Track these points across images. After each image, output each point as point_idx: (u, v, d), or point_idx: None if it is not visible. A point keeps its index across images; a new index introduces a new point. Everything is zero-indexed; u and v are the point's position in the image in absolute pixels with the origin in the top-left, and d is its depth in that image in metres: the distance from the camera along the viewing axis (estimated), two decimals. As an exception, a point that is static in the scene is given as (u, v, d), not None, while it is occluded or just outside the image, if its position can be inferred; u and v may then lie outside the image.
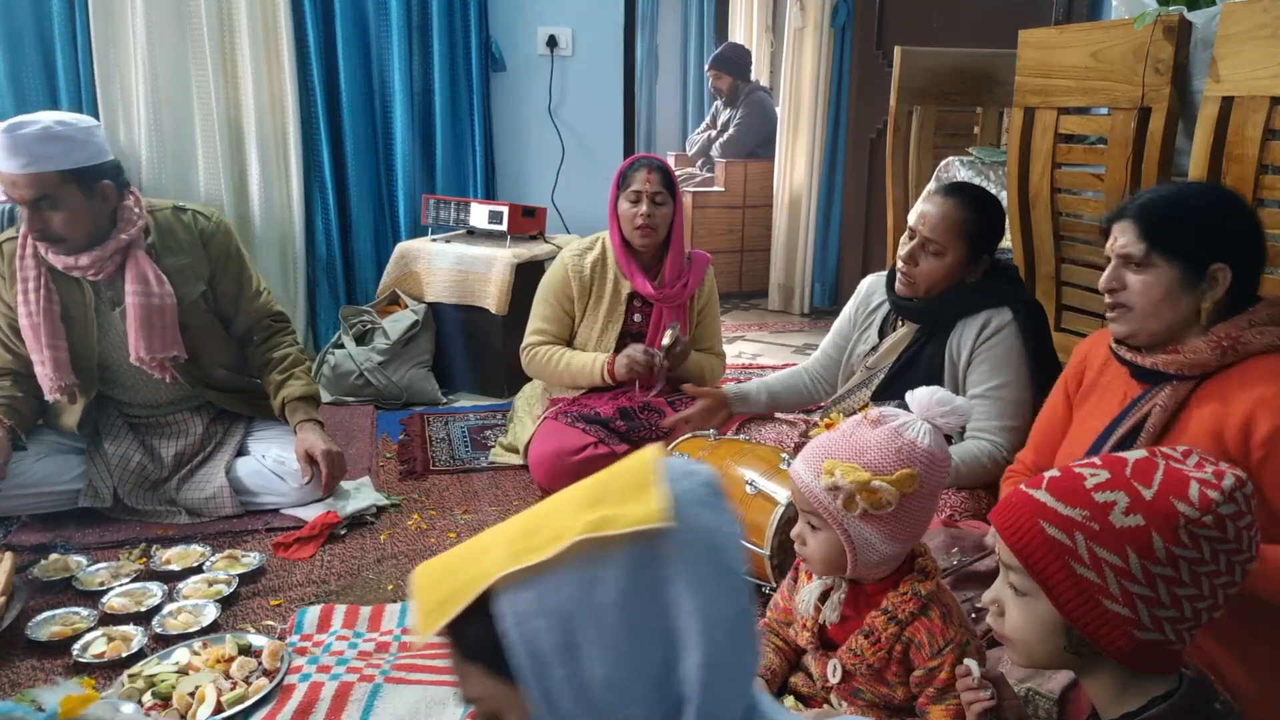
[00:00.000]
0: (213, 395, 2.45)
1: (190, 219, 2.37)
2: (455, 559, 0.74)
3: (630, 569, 0.69)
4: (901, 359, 2.19)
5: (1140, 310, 1.43)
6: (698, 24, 7.31)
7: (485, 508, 2.46)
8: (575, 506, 0.73)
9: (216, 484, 2.32)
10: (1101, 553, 0.98)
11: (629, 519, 0.69)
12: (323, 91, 3.63)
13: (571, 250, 2.73)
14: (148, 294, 2.22)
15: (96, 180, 2.15)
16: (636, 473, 0.74)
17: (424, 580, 0.73)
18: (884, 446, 1.30)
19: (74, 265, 2.20)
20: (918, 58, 3.32)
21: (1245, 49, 1.81)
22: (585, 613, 0.68)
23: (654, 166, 2.59)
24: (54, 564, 2.05)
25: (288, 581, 2.06)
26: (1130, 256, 1.42)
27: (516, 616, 0.69)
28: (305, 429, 2.39)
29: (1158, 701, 1.00)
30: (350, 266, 3.85)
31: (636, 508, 0.70)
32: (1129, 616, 0.97)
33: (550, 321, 2.70)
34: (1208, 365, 1.38)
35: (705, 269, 2.75)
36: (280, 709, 1.60)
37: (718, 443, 2.26)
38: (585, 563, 0.69)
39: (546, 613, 0.68)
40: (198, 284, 2.34)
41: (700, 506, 0.73)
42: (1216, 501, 0.95)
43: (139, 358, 2.24)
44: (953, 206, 2.06)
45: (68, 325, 2.24)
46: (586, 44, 3.92)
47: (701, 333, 2.80)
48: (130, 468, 2.31)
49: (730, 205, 5.38)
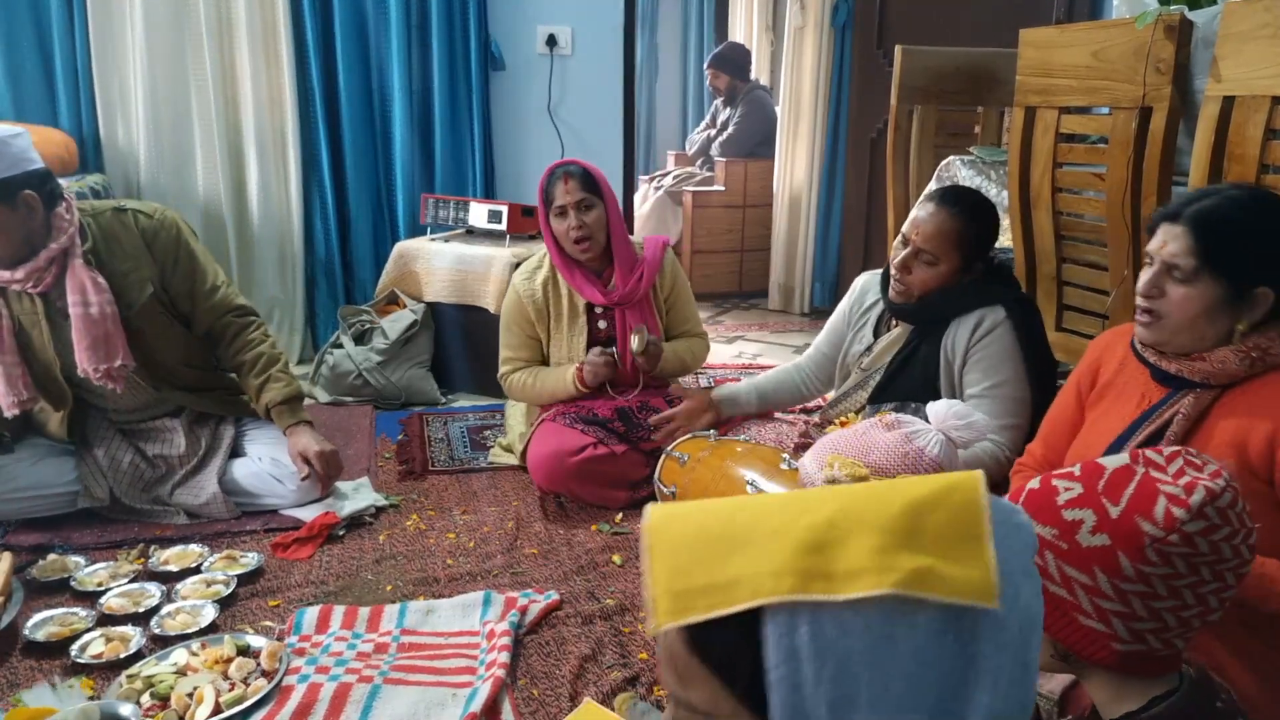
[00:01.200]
0: (181, 398, 2.39)
1: (130, 219, 2.27)
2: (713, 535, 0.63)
3: (935, 637, 0.59)
4: (896, 360, 2.19)
5: (1174, 322, 1.38)
6: (698, 24, 7.30)
7: (484, 508, 2.46)
8: (883, 533, 0.61)
9: (209, 492, 2.30)
10: (1071, 571, 0.97)
11: (953, 586, 0.59)
12: (321, 91, 3.63)
13: (520, 275, 2.67)
14: (85, 304, 2.14)
15: (18, 191, 2.05)
16: (965, 512, 0.62)
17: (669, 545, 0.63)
18: (891, 450, 1.30)
19: (10, 279, 2.12)
20: (918, 57, 3.32)
21: (1246, 48, 1.80)
22: (871, 673, 0.59)
23: (570, 173, 2.50)
24: (52, 564, 2.05)
25: (286, 582, 2.05)
26: (1177, 267, 1.36)
27: (787, 651, 0.59)
28: (295, 432, 2.37)
29: (1158, 701, 1.00)
30: (349, 266, 3.85)
31: (962, 570, 0.60)
32: (1105, 632, 0.96)
33: (518, 349, 2.67)
34: (1234, 375, 1.34)
35: (661, 255, 2.66)
36: (279, 710, 1.60)
37: (718, 443, 2.26)
38: (887, 616, 0.59)
39: (823, 657, 0.59)
40: (146, 286, 2.25)
41: (1024, 578, 0.63)
42: (1181, 520, 0.93)
43: (84, 370, 2.17)
44: (947, 216, 2.06)
45: (23, 340, 2.19)
46: (586, 43, 3.92)
47: (675, 318, 2.72)
48: (123, 469, 2.30)
49: (730, 205, 5.37)
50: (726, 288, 5.40)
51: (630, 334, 2.52)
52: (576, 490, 2.44)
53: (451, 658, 1.77)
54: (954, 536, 0.61)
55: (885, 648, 0.59)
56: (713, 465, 2.15)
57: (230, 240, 3.67)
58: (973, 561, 0.60)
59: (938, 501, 0.63)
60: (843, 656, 0.58)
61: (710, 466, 2.15)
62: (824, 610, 0.59)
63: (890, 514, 0.62)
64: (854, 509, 0.63)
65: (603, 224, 2.54)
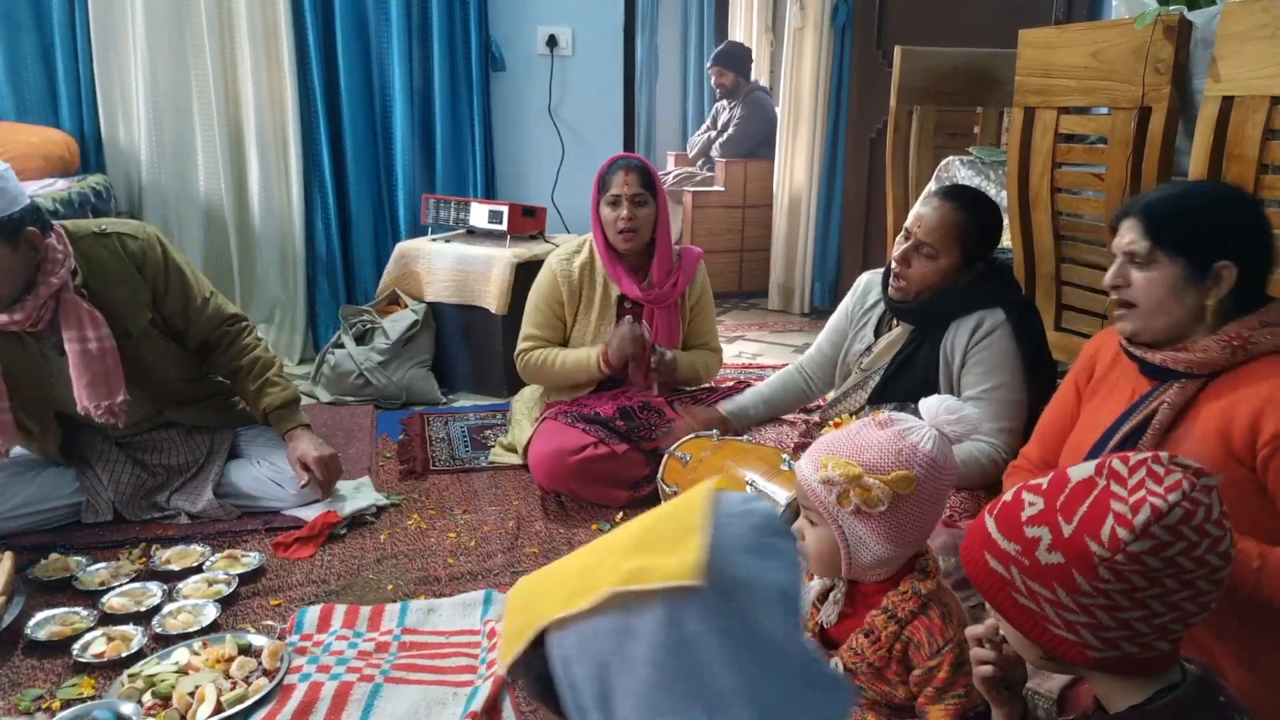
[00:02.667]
0: (179, 415, 2.37)
1: (116, 244, 2.16)
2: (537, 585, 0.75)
3: (663, 624, 0.67)
4: (896, 360, 2.19)
5: (1144, 307, 1.43)
6: (698, 24, 7.30)
7: (485, 507, 2.46)
8: (623, 549, 0.72)
9: (205, 499, 2.29)
10: (1034, 586, 0.99)
11: (660, 573, 0.67)
12: (322, 91, 3.63)
13: (559, 255, 2.70)
14: (83, 339, 2.06)
15: (20, 229, 1.95)
16: (685, 513, 0.71)
17: (513, 603, 0.75)
18: (885, 447, 1.30)
19: (8, 322, 2.01)
20: (918, 57, 3.32)
21: (1245, 49, 1.81)
22: (618, 664, 0.67)
23: (632, 167, 2.55)
24: (53, 564, 2.05)
25: (287, 581, 2.06)
26: (1135, 254, 1.43)
27: (561, 661, 0.70)
28: (294, 437, 2.36)
29: (1163, 694, 1.00)
30: (350, 266, 3.85)
31: (671, 559, 0.67)
32: (1076, 640, 0.98)
33: (542, 328, 2.68)
34: (1217, 364, 1.37)
35: (696, 265, 2.72)
36: (280, 709, 1.60)
37: (720, 443, 2.26)
38: (619, 615, 0.68)
39: (584, 659, 0.69)
40: (144, 312, 2.18)
41: (746, 555, 0.70)
42: (1125, 541, 0.93)
43: (84, 408, 2.10)
44: (949, 210, 2.06)
45: (13, 383, 2.10)
46: (586, 44, 3.92)
47: (695, 329, 2.77)
48: (123, 483, 2.27)
49: (730, 205, 5.38)
50: (726, 288, 5.41)
51: (655, 343, 2.57)
52: (577, 489, 2.44)
53: (453, 656, 1.77)
54: (673, 536, 0.70)
55: (627, 641, 0.67)
56: (714, 465, 2.15)
57: (231, 240, 3.68)
58: (685, 550, 0.68)
59: (670, 514, 0.73)
60: (597, 655, 0.68)
61: (712, 466, 2.15)
62: (577, 621, 0.69)
63: (632, 534, 0.74)
64: (617, 540, 0.74)
65: (650, 222, 2.59)
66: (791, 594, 0.71)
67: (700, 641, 0.66)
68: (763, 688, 0.67)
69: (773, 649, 0.68)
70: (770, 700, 0.66)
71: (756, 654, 0.67)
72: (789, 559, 0.72)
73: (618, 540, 0.74)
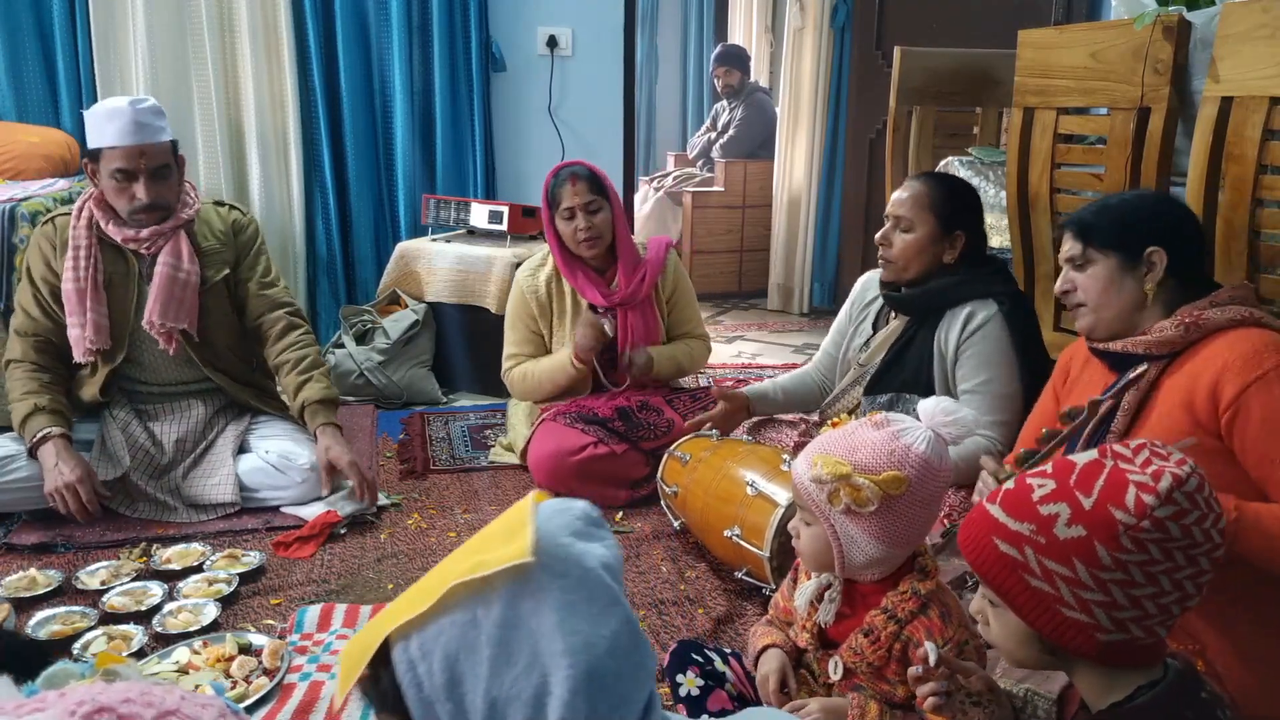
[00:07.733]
0: (222, 380, 2.48)
1: (226, 212, 2.53)
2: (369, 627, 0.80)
3: (503, 605, 0.75)
4: (891, 350, 2.21)
5: (1092, 303, 1.56)
6: (698, 24, 7.31)
7: (485, 507, 2.46)
8: (461, 556, 0.80)
9: (223, 471, 2.35)
10: (1050, 565, 0.99)
11: (497, 559, 0.75)
12: (323, 91, 3.63)
13: (524, 270, 2.70)
14: (176, 267, 2.33)
15: (178, 152, 2.36)
16: (514, 516, 0.80)
17: (345, 652, 0.80)
18: (878, 447, 1.31)
19: (134, 238, 2.31)
20: (917, 58, 3.32)
21: (1244, 49, 1.81)
22: (466, 651, 0.74)
23: (578, 175, 2.53)
24: (20, 581, 1.98)
25: (288, 580, 2.06)
26: (1073, 259, 1.58)
27: (407, 663, 0.75)
28: (325, 434, 2.39)
29: (1144, 690, 1.01)
30: (350, 266, 3.85)
31: (506, 548, 0.76)
32: (1089, 622, 0.98)
33: (521, 344, 2.69)
34: (1174, 343, 1.47)
35: (664, 256, 2.68)
36: (280, 708, 1.60)
37: (720, 443, 2.27)
38: (464, 605, 0.75)
39: (431, 656, 0.75)
40: (223, 268, 2.45)
41: (570, 537, 0.79)
42: (1151, 506, 0.95)
43: (150, 320, 2.31)
44: (918, 184, 2.19)
45: (110, 294, 2.34)
46: (586, 44, 3.93)
47: (677, 320, 2.74)
48: (139, 444, 2.34)
49: (730, 205, 5.38)
50: (726, 288, 5.41)
51: (628, 348, 2.57)
52: (577, 489, 2.44)
53: (452, 656, 1.78)
54: (505, 534, 0.79)
55: (471, 631, 0.74)
56: (714, 465, 2.16)
57: (231, 240, 3.68)
58: (515, 539, 0.76)
59: (501, 521, 0.82)
60: (444, 648, 0.74)
61: (712, 466, 2.16)
62: (424, 622, 0.75)
63: (468, 545, 0.82)
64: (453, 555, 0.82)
65: (609, 224, 2.57)
66: (614, 565, 0.81)
67: (536, 614, 0.74)
68: (595, 648, 0.74)
69: (598, 612, 0.76)
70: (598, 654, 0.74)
71: (585, 618, 0.75)
72: (608, 540, 0.82)
73: (454, 554, 0.82)
